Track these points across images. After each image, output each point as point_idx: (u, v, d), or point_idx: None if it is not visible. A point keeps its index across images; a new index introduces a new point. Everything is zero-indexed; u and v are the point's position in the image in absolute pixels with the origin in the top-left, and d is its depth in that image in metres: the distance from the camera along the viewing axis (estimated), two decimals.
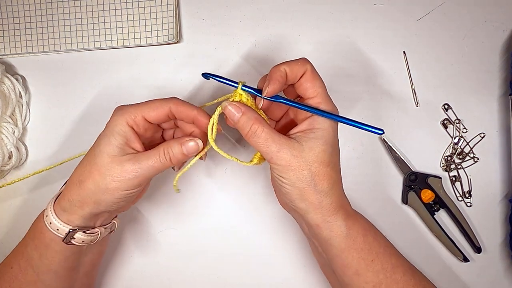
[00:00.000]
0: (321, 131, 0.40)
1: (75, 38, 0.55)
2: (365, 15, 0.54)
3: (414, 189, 0.53)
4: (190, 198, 0.55)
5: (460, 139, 0.53)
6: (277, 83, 0.39)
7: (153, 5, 0.54)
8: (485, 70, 0.54)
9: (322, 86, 0.41)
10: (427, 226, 0.53)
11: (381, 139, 0.54)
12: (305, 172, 0.39)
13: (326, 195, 0.39)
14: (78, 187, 0.40)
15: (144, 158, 0.40)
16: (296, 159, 0.38)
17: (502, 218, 0.53)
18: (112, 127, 0.40)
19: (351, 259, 0.40)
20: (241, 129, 0.40)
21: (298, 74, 0.40)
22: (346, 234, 0.40)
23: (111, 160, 0.39)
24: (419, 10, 0.54)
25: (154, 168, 0.40)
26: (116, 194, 0.40)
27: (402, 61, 0.54)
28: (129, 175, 0.39)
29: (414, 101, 0.54)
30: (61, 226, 0.41)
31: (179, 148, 0.41)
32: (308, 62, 0.41)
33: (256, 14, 0.55)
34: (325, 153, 0.39)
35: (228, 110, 0.40)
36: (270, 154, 0.39)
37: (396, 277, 0.40)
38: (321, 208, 0.39)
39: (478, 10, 0.54)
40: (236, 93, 0.42)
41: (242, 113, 0.40)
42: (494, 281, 0.53)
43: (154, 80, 0.55)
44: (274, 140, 0.39)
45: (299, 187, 0.39)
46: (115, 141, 0.40)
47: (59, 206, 0.41)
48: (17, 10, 0.55)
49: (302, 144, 0.39)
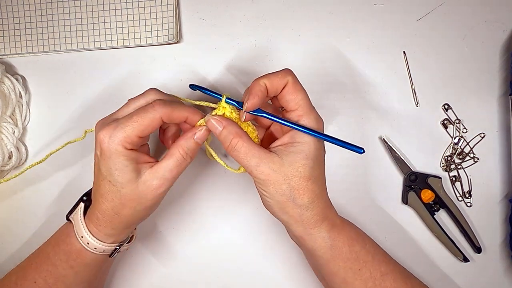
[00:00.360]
0: (302, 145, 0.40)
1: (75, 38, 0.55)
2: (365, 15, 0.54)
3: (414, 189, 0.53)
4: (190, 198, 0.55)
5: (460, 139, 0.53)
6: (257, 98, 0.40)
7: (153, 5, 0.54)
8: (485, 70, 0.54)
9: (304, 98, 0.41)
10: (427, 226, 0.53)
11: (381, 139, 0.54)
12: (284, 187, 0.39)
13: (306, 209, 0.39)
14: (117, 217, 0.41)
15: (164, 168, 0.40)
16: (275, 173, 0.39)
17: (502, 218, 0.53)
18: (114, 157, 0.39)
19: (338, 268, 0.40)
20: (222, 143, 0.41)
21: (278, 87, 0.40)
22: (331, 245, 0.40)
23: (136, 186, 0.40)
24: (419, 10, 0.54)
25: (178, 172, 0.41)
26: (154, 209, 0.43)
27: (402, 61, 0.54)
28: (159, 190, 0.40)
29: (414, 101, 0.54)
30: (108, 247, 0.43)
31: (192, 142, 0.41)
32: (290, 73, 0.41)
33: (256, 14, 0.55)
34: (305, 167, 0.39)
35: (210, 124, 0.41)
36: (250, 168, 0.39)
37: (386, 284, 0.40)
38: (302, 221, 0.40)
39: (478, 10, 0.54)
40: (220, 106, 0.42)
41: (223, 127, 0.41)
42: (494, 281, 0.53)
43: (154, 80, 0.55)
44: (253, 154, 0.39)
45: (279, 200, 0.39)
46: (127, 168, 0.39)
47: (101, 233, 0.42)
48: (17, 10, 0.55)
49: (282, 158, 0.39)
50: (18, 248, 0.54)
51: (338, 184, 0.53)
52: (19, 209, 0.55)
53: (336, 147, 0.42)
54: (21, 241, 0.54)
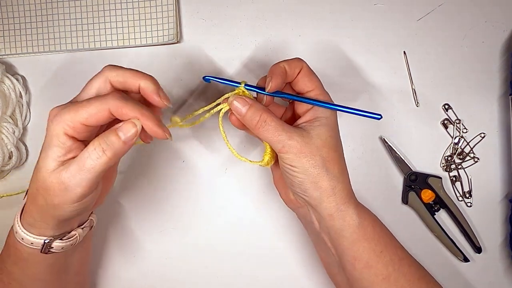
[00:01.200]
0: (325, 119, 0.41)
1: (75, 38, 0.55)
2: (365, 15, 0.54)
3: (414, 189, 0.53)
4: (190, 198, 0.55)
5: (460, 139, 0.53)
6: (279, 78, 0.40)
7: (153, 5, 0.54)
8: (485, 70, 0.54)
9: (318, 80, 0.43)
10: (427, 226, 0.53)
11: (381, 139, 0.54)
12: (317, 158, 0.39)
13: (338, 181, 0.40)
14: (33, 204, 0.38)
15: (77, 163, 0.35)
16: (307, 145, 0.39)
17: (502, 218, 0.53)
18: (49, 138, 0.36)
19: (362, 250, 0.40)
20: (250, 121, 0.40)
21: (296, 71, 0.42)
22: (358, 223, 0.40)
23: (49, 175, 0.36)
24: (419, 10, 0.54)
25: (95, 169, 0.35)
26: (66, 208, 0.37)
27: (402, 61, 0.54)
28: (69, 187, 0.35)
29: (414, 101, 0.54)
30: (35, 240, 0.39)
31: (115, 138, 0.36)
32: (303, 60, 0.43)
33: (256, 14, 0.55)
34: (332, 139, 0.41)
35: (234, 105, 0.40)
36: (282, 142, 0.39)
37: (404, 269, 0.40)
38: (335, 195, 0.40)
39: (478, 10, 0.54)
40: (239, 92, 0.42)
41: (250, 105, 0.40)
42: (494, 281, 0.53)
43: None
44: (284, 129, 0.40)
45: (313, 173, 0.39)
46: (52, 154, 0.36)
47: (25, 221, 0.39)
48: (17, 10, 0.55)
49: (310, 132, 0.40)
50: None
51: None
52: None
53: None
54: None
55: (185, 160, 0.54)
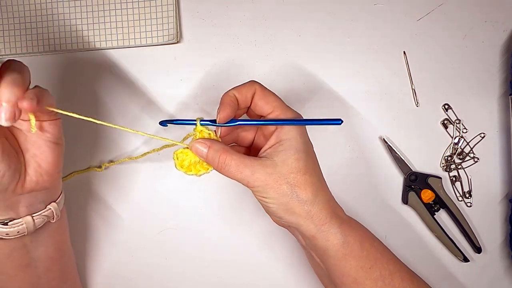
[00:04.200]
0: (289, 140, 0.40)
1: (75, 38, 0.55)
2: (365, 15, 0.54)
3: (414, 189, 0.53)
4: (190, 198, 0.55)
5: (460, 139, 0.53)
6: (228, 108, 0.40)
7: (153, 5, 0.54)
8: (485, 70, 0.54)
9: (277, 100, 0.41)
10: (427, 226, 0.53)
11: (381, 139, 0.54)
12: (284, 186, 0.39)
13: (312, 204, 0.39)
14: None
15: None
16: (271, 176, 0.38)
17: (502, 218, 0.53)
18: None
19: (349, 267, 0.39)
20: (211, 163, 0.41)
21: (248, 96, 0.41)
22: (343, 242, 0.39)
23: None
24: (419, 10, 0.54)
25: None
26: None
27: (402, 61, 0.54)
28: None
29: (414, 101, 0.54)
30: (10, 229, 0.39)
31: None
32: (256, 82, 0.42)
33: (256, 14, 0.55)
34: (298, 161, 0.39)
35: (195, 149, 0.41)
36: (246, 179, 0.39)
37: (395, 283, 0.40)
38: (312, 218, 0.39)
39: (478, 10, 0.54)
40: (197, 131, 0.42)
41: (208, 147, 0.40)
42: (494, 281, 0.53)
43: (154, 80, 0.55)
44: (245, 164, 0.39)
45: (283, 202, 0.39)
46: None
47: None
48: (17, 10, 0.55)
49: (274, 159, 0.39)
50: None
51: (338, 184, 0.53)
52: None
53: (337, 147, 0.42)
54: None
55: None
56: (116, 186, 0.55)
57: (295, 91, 0.54)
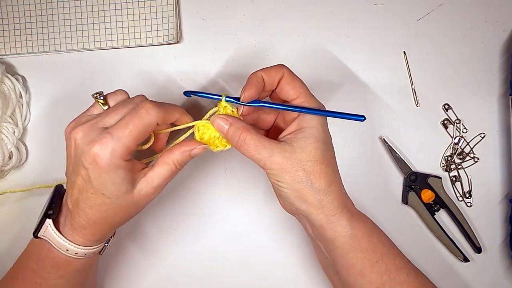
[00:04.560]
0: (310, 129, 0.40)
1: (75, 38, 0.55)
2: (365, 15, 0.54)
3: (414, 189, 0.53)
4: (190, 198, 0.55)
5: (460, 139, 0.53)
6: (254, 88, 0.40)
7: (153, 5, 0.54)
8: (485, 70, 0.54)
9: (303, 86, 0.41)
10: (427, 226, 0.53)
11: (381, 139, 0.54)
12: (300, 173, 0.39)
13: (325, 194, 0.39)
14: (108, 224, 0.41)
15: (158, 177, 0.40)
16: (288, 161, 0.39)
17: (502, 218, 0.53)
18: (113, 171, 0.37)
19: (356, 259, 0.40)
20: (231, 140, 0.41)
21: (275, 79, 0.41)
22: (351, 234, 0.39)
23: (132, 196, 0.39)
24: (419, 10, 0.54)
25: (170, 179, 0.41)
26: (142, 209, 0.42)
27: (402, 61, 0.54)
28: (152, 197, 0.41)
29: (414, 101, 0.54)
30: (98, 249, 0.43)
31: (187, 156, 0.41)
32: (284, 66, 0.42)
33: (256, 14, 0.55)
34: (317, 150, 0.39)
35: (217, 124, 0.41)
36: (263, 160, 0.39)
37: (400, 278, 0.40)
38: (323, 208, 0.39)
39: (478, 10, 0.54)
40: (221, 106, 0.42)
41: (230, 124, 0.40)
42: (494, 281, 0.53)
43: (154, 80, 0.55)
44: (264, 145, 0.39)
45: (297, 188, 0.39)
46: (125, 181, 0.38)
47: (90, 240, 0.41)
48: (17, 10, 0.55)
49: (293, 145, 0.39)
50: None
51: None
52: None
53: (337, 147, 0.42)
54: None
55: None
56: None
57: None
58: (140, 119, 0.38)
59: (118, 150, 0.37)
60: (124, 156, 0.37)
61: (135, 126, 0.37)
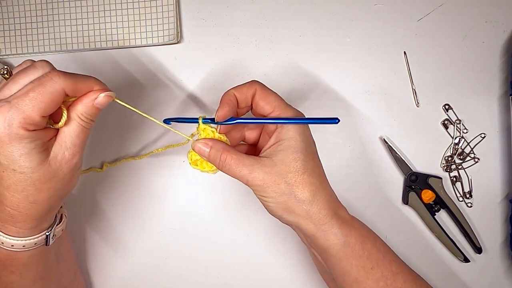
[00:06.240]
0: (287, 140, 0.40)
1: (75, 38, 0.55)
2: (365, 15, 0.54)
3: (414, 189, 0.53)
4: (190, 198, 0.55)
5: (461, 139, 0.53)
6: (226, 106, 0.40)
7: (153, 5, 0.54)
8: (485, 70, 0.54)
9: (277, 99, 0.42)
10: (428, 226, 0.53)
11: (381, 139, 0.54)
12: (282, 186, 0.39)
13: (311, 204, 0.39)
14: (35, 206, 0.37)
15: (69, 136, 0.37)
16: (269, 175, 0.39)
17: (502, 219, 0.53)
18: (16, 142, 0.34)
19: (350, 267, 0.39)
20: (213, 162, 0.41)
21: (248, 95, 0.41)
22: (344, 242, 0.39)
23: (49, 165, 0.36)
24: (420, 10, 0.54)
25: (85, 136, 0.38)
26: (73, 183, 0.40)
27: (403, 61, 0.54)
28: (74, 160, 0.37)
29: (414, 101, 0.54)
30: (37, 239, 0.39)
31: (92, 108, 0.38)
32: (257, 82, 0.42)
33: (256, 14, 0.55)
34: (296, 161, 0.39)
35: (198, 148, 0.41)
36: (245, 177, 0.39)
37: (397, 284, 0.40)
38: (311, 218, 0.39)
39: (478, 11, 0.54)
40: (200, 129, 0.43)
41: (210, 147, 0.41)
42: (495, 281, 0.53)
43: (154, 81, 0.55)
44: (244, 163, 0.39)
45: (281, 201, 0.39)
46: (35, 150, 0.35)
47: (22, 230, 0.38)
48: (17, 10, 0.55)
49: (273, 158, 0.39)
50: None
51: (339, 184, 0.52)
52: None
53: (337, 147, 0.42)
54: None
55: (185, 161, 0.54)
56: (116, 186, 0.55)
57: (295, 91, 0.54)
58: (43, 87, 0.34)
59: (17, 119, 0.33)
60: (26, 125, 0.34)
61: (37, 94, 0.34)
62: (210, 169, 0.43)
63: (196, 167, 0.44)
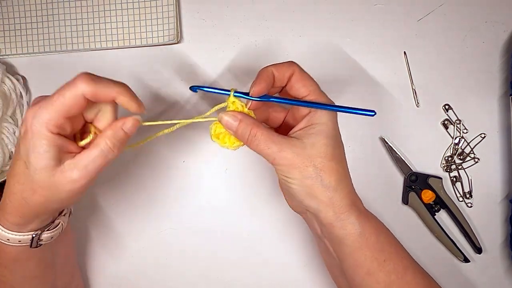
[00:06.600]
0: (320, 125, 0.39)
1: (75, 38, 0.55)
2: (365, 15, 0.54)
3: (414, 189, 0.53)
4: (190, 198, 0.55)
5: (461, 139, 0.53)
6: (263, 83, 0.39)
7: (153, 5, 0.54)
8: (485, 70, 0.54)
9: (313, 84, 0.41)
10: (428, 226, 0.53)
11: (381, 139, 0.54)
12: (310, 169, 0.38)
13: (335, 191, 0.39)
14: (25, 204, 0.37)
15: (86, 158, 0.37)
16: (298, 156, 0.38)
17: (502, 219, 0.53)
18: (36, 138, 0.35)
19: (364, 258, 0.39)
20: (241, 137, 0.40)
21: (285, 75, 0.40)
22: (360, 232, 0.39)
23: (53, 174, 0.36)
24: (420, 10, 0.54)
25: (103, 164, 0.37)
26: (71, 202, 0.40)
27: (403, 61, 0.54)
28: (78, 183, 0.37)
29: (414, 102, 0.54)
30: (22, 237, 0.39)
31: (121, 133, 0.38)
32: (295, 63, 0.41)
33: (256, 14, 0.55)
34: (327, 147, 0.39)
35: (225, 121, 0.40)
36: (272, 155, 0.39)
37: (407, 278, 0.40)
38: (332, 205, 0.39)
39: (478, 11, 0.54)
40: (229, 101, 0.41)
41: (239, 121, 0.40)
42: (495, 281, 0.53)
43: (154, 81, 0.55)
44: (273, 140, 0.39)
45: (306, 184, 0.38)
46: (47, 154, 0.35)
47: (8, 222, 0.39)
48: (18, 10, 0.55)
49: (303, 141, 0.39)
50: None
51: None
52: None
53: None
54: None
55: (185, 161, 0.54)
56: (116, 186, 0.55)
57: None
58: (66, 90, 0.36)
59: (41, 117, 0.35)
60: (48, 125, 0.35)
61: (60, 96, 0.35)
62: (231, 144, 0.42)
63: (217, 140, 0.42)
